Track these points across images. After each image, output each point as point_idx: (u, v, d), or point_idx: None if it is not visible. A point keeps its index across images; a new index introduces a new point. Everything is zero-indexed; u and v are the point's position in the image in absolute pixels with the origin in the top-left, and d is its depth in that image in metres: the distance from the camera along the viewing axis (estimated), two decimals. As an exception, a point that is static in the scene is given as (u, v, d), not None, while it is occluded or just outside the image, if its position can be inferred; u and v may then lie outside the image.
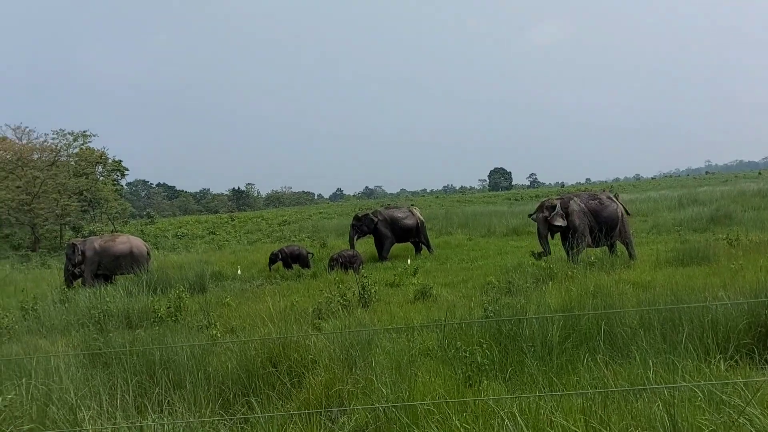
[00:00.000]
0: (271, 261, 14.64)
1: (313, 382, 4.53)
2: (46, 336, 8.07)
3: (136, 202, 74.88)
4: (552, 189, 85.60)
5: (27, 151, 31.62)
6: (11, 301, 10.95)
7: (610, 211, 11.93)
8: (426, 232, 16.95)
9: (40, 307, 9.74)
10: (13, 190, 29.25)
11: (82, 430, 3.34)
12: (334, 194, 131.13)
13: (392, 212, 16.73)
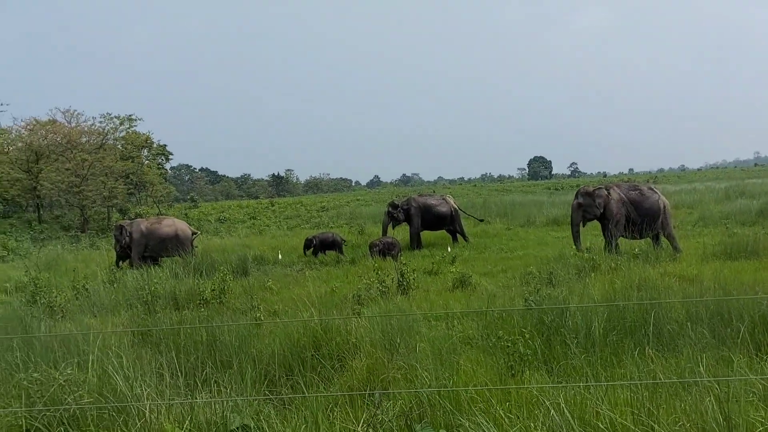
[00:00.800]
0: (306, 246, 14.89)
1: (356, 367, 4.60)
2: (96, 315, 8.35)
3: (180, 186, 76.43)
4: (593, 178, 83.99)
5: (76, 134, 32.59)
6: (63, 280, 11.35)
7: (651, 203, 11.70)
8: (461, 220, 16.85)
9: (91, 287, 10.07)
10: (62, 173, 30.22)
11: (138, 404, 3.47)
12: (372, 181, 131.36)
13: (426, 199, 16.67)
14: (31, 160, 31.62)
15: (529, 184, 67.11)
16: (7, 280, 12.31)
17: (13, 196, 32.74)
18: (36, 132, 31.97)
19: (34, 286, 9.65)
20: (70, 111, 34.38)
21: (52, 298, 8.77)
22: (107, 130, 34.47)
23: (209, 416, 3.42)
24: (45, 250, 20.79)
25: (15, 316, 7.14)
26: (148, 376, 4.01)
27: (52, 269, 13.96)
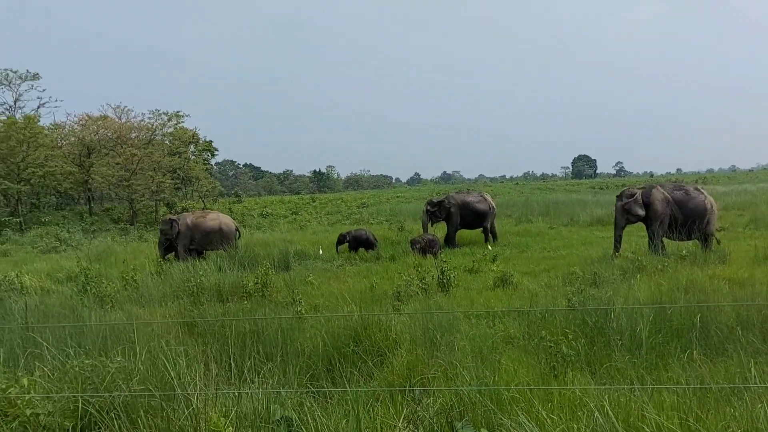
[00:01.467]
0: (339, 242, 15.01)
1: (396, 363, 4.61)
2: (144, 306, 8.58)
3: (224, 181, 77.84)
4: (639, 178, 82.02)
5: (126, 130, 33.57)
6: (113, 271, 11.70)
7: (697, 203, 11.39)
8: (494, 220, 16.67)
9: (139, 278, 10.35)
10: (113, 167, 31.16)
11: (186, 393, 3.56)
12: (412, 178, 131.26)
13: (464, 197, 16.53)
14: (83, 154, 32.71)
15: (572, 183, 66.02)
16: (60, 270, 12.75)
17: (66, 189, 33.96)
18: (88, 127, 33.05)
19: (85, 276, 9.98)
20: (120, 107, 35.47)
21: (102, 289, 9.06)
22: (156, 126, 35.44)
23: (253, 407, 3.48)
24: (95, 241, 21.50)
25: (67, 305, 7.39)
26: (194, 366, 4.11)
27: (103, 260, 14.41)
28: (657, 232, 11.34)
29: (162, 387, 3.85)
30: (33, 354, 4.74)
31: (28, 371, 4.24)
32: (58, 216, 31.61)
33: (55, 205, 36.38)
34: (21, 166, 29.33)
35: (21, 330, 5.47)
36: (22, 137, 29.28)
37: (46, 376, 4.14)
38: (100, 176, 30.98)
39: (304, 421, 3.41)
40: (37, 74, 35.62)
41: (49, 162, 29.96)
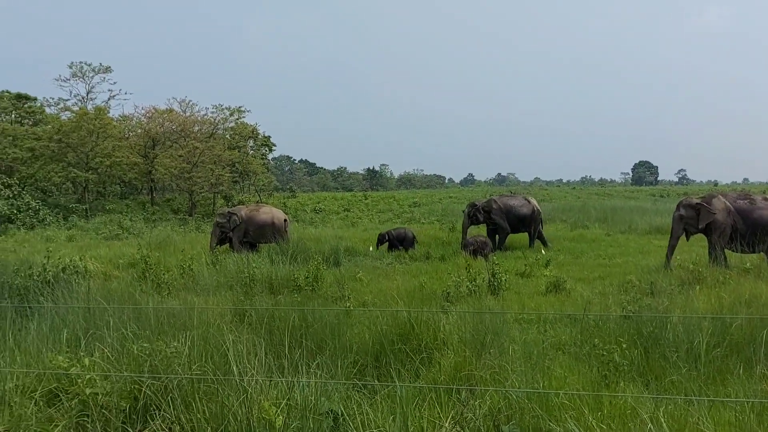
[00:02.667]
0: (379, 241, 15.04)
1: (443, 363, 4.60)
2: (199, 294, 8.83)
3: (280, 176, 79.22)
4: (703, 187, 78.88)
5: (189, 124, 34.63)
6: (171, 259, 12.08)
7: (763, 213, 10.78)
8: (539, 224, 16.31)
9: (195, 267, 10.65)
10: (176, 159, 32.19)
11: (241, 379, 3.65)
12: (465, 179, 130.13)
13: (507, 200, 16.21)
14: (148, 146, 33.91)
15: (632, 190, 64.10)
16: (121, 256, 13.25)
17: (131, 179, 35.31)
18: (154, 120, 34.25)
19: (145, 263, 10.33)
20: (185, 101, 36.62)
21: (161, 276, 9.37)
22: (218, 121, 36.43)
23: (303, 398, 3.54)
24: (156, 230, 22.25)
25: (127, 291, 7.68)
26: (246, 355, 4.21)
27: (162, 249, 14.89)
28: (718, 243, 10.87)
29: (215, 373, 3.95)
30: (94, 336, 4.94)
31: (89, 352, 4.43)
32: (121, 205, 32.88)
33: (120, 194, 37.86)
34: (90, 156, 30.64)
35: (83, 312, 5.72)
36: (92, 128, 30.57)
37: (105, 358, 4.31)
38: (163, 167, 32.05)
39: (351, 416, 3.44)
40: (108, 67, 37.14)
41: (116, 152, 31.17)
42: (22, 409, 3.63)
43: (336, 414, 3.50)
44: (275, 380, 3.76)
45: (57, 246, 14.48)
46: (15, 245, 17.09)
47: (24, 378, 3.96)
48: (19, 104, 35.51)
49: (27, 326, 5.39)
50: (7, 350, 4.59)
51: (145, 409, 3.71)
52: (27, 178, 30.40)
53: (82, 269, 9.41)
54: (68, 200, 31.39)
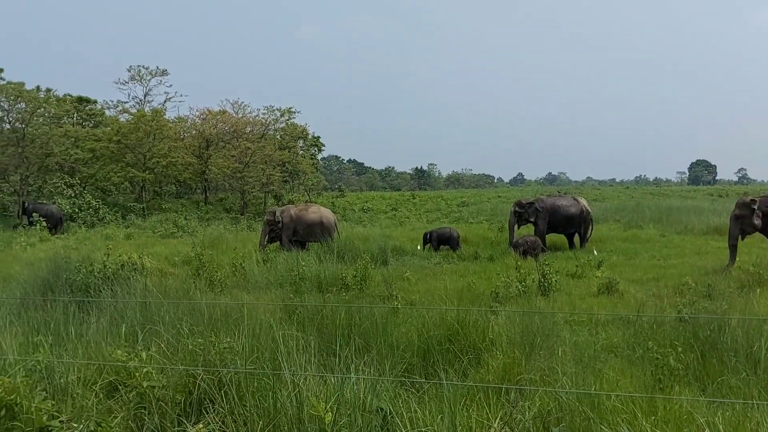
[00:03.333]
0: (424, 240, 14.98)
1: (491, 364, 4.57)
2: (250, 292, 9.02)
3: (329, 175, 79.94)
4: (764, 186, 75.61)
5: (242, 125, 35.41)
6: (223, 257, 12.37)
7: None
8: (589, 224, 15.91)
9: (246, 265, 10.89)
10: (228, 159, 32.96)
11: (292, 375, 3.72)
12: (515, 178, 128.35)
13: (555, 200, 15.88)
14: (202, 146, 34.81)
15: (688, 189, 61.89)
16: (177, 254, 13.65)
17: (185, 179, 36.33)
18: (208, 121, 35.14)
19: (199, 261, 10.62)
20: (238, 102, 37.40)
21: (213, 273, 9.62)
22: (269, 121, 37.10)
23: (351, 395, 3.58)
24: (209, 229, 22.82)
25: (182, 287, 7.91)
26: (295, 351, 4.28)
27: (215, 247, 15.26)
28: None
29: (265, 368, 4.03)
30: (150, 330, 5.11)
31: (146, 346, 4.58)
32: (177, 204, 33.86)
33: (175, 194, 38.97)
34: (147, 156, 31.66)
35: (140, 307, 5.92)
36: (149, 129, 31.58)
37: (161, 352, 4.45)
38: (216, 167, 32.85)
39: (399, 414, 3.45)
40: (165, 70, 38.24)
41: (171, 153, 32.11)
42: (83, 400, 3.78)
43: (384, 412, 3.52)
44: (325, 377, 3.80)
45: (116, 244, 15.03)
46: (76, 243, 17.82)
47: (85, 370, 4.13)
48: (81, 107, 37.00)
49: (88, 320, 5.63)
50: (69, 343, 4.79)
51: (199, 403, 3.81)
52: (88, 178, 31.65)
53: (139, 266, 9.74)
54: (126, 199, 32.52)
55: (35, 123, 30.48)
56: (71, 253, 10.92)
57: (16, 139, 29.23)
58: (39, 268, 9.14)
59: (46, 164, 30.62)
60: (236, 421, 3.49)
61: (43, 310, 6.08)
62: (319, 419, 3.23)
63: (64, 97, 35.12)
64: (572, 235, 15.79)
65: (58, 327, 5.19)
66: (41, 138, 30.28)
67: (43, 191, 29.69)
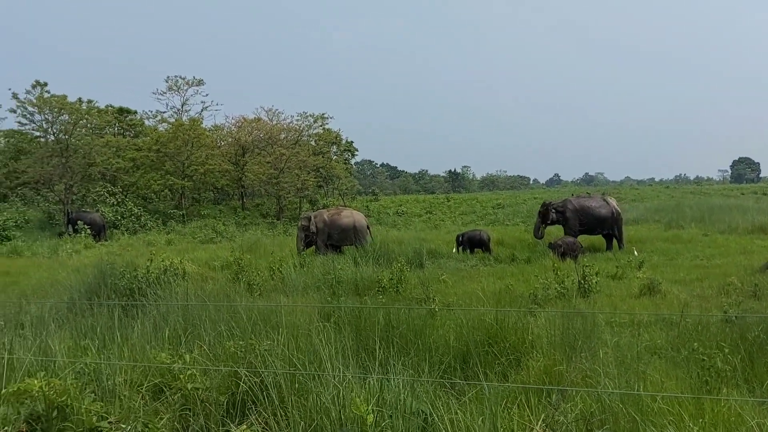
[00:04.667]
0: (458, 243, 14.90)
1: (532, 366, 4.52)
2: (288, 295, 9.11)
3: (362, 180, 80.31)
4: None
5: (276, 131, 35.94)
6: (261, 262, 12.54)
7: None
8: (621, 225, 15.57)
9: (284, 269, 11.01)
10: (263, 165, 33.45)
11: (333, 377, 3.75)
12: (551, 179, 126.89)
13: (584, 201, 15.60)
14: (238, 153, 35.41)
15: (731, 188, 60.18)
16: (216, 258, 13.89)
17: (223, 186, 37.02)
18: (243, 128, 35.74)
19: (238, 265, 10.79)
20: (272, 109, 37.99)
21: (252, 277, 9.75)
22: (302, 128, 37.54)
23: (391, 397, 3.59)
24: (247, 234, 23.18)
25: (222, 291, 8.04)
26: (334, 353, 4.31)
27: (252, 251, 15.47)
28: None
29: (305, 370, 4.08)
30: (193, 333, 5.21)
31: (189, 349, 4.67)
32: (215, 210, 34.46)
33: (213, 200, 39.67)
34: (185, 164, 32.33)
35: (183, 311, 6.04)
36: (188, 138, 32.26)
37: (204, 354, 4.54)
38: (252, 174, 33.37)
39: (439, 416, 3.45)
40: (201, 80, 39.05)
41: (209, 160, 32.73)
42: (131, 401, 3.87)
43: (425, 414, 3.52)
44: (366, 379, 3.82)
45: (158, 249, 15.37)
46: (120, 249, 18.29)
47: (131, 372, 4.22)
48: (122, 117, 38.01)
49: (132, 324, 5.76)
50: (115, 346, 4.91)
51: (242, 404, 3.86)
52: (129, 186, 32.47)
53: (180, 271, 9.93)
54: (167, 206, 33.24)
55: (78, 134, 31.46)
56: (115, 259, 11.21)
57: (60, 149, 30.19)
58: (85, 274, 9.41)
59: (89, 173, 31.53)
60: (279, 423, 3.53)
61: (90, 315, 6.25)
62: (360, 420, 3.24)
63: (106, 108, 36.14)
64: (609, 237, 15.52)
65: (105, 330, 5.33)
66: (84, 148, 31.22)
67: (87, 200, 30.56)
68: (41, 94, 30.06)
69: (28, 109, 29.86)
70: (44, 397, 3.53)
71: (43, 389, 3.53)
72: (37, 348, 4.51)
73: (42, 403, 3.54)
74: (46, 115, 30.25)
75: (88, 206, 28.89)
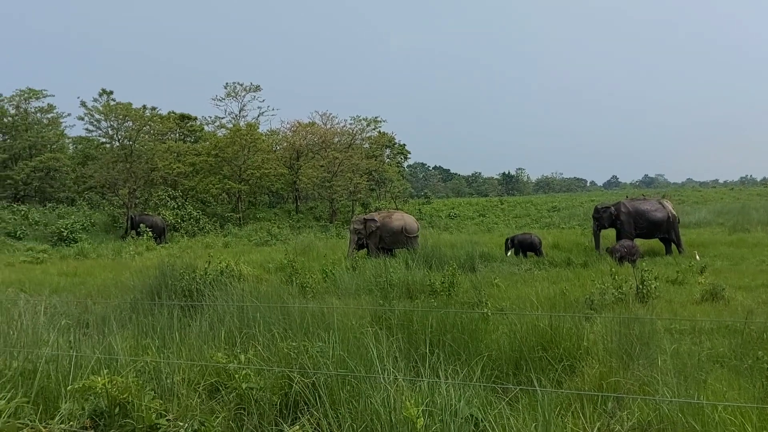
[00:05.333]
0: (507, 247, 14.66)
1: (587, 372, 4.42)
2: (340, 297, 9.20)
3: (415, 183, 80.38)
4: None
5: (330, 135, 36.45)
6: (314, 264, 12.71)
7: None
8: (678, 228, 14.96)
9: (336, 271, 11.12)
10: (317, 169, 33.95)
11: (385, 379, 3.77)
12: (609, 181, 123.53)
13: (638, 204, 15.10)
14: (292, 157, 36.06)
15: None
16: (270, 261, 14.16)
17: (278, 189, 37.76)
18: (298, 133, 36.40)
19: (291, 268, 10.96)
20: (326, 114, 38.54)
21: (305, 279, 9.89)
22: (356, 131, 37.92)
23: (441, 401, 3.58)
24: (300, 236, 23.52)
25: (275, 293, 8.18)
26: (386, 356, 4.32)
27: (306, 254, 15.71)
28: None
29: (355, 372, 4.11)
30: (247, 334, 5.32)
31: (244, 349, 4.78)
32: (270, 213, 35.17)
33: (268, 204, 40.49)
34: (242, 168, 33.13)
35: (238, 312, 6.18)
36: (245, 143, 33.08)
37: (258, 354, 4.63)
38: (306, 177, 33.90)
39: (490, 422, 3.41)
40: (258, 86, 39.97)
41: (264, 164, 33.45)
42: (188, 400, 3.99)
43: (476, 419, 3.49)
44: (417, 382, 3.82)
45: (215, 252, 15.79)
46: (179, 251, 18.88)
47: (189, 371, 4.35)
48: (183, 123, 39.27)
49: (190, 324, 5.94)
50: (174, 345, 5.06)
51: (294, 405, 3.92)
52: (189, 190, 33.51)
53: (236, 273, 10.17)
54: (224, 210, 34.13)
55: (141, 140, 32.70)
56: (175, 261, 11.58)
57: (124, 155, 31.43)
58: (146, 276, 9.76)
59: (151, 178, 32.73)
60: (330, 424, 3.57)
61: (151, 315, 6.46)
62: (410, 424, 3.24)
63: (168, 114, 37.41)
64: (666, 241, 15.00)
65: (164, 330, 5.50)
66: (147, 154, 32.42)
67: (149, 203, 31.70)
68: (107, 101, 31.41)
69: (95, 116, 31.23)
70: (107, 393, 3.68)
71: (106, 386, 3.68)
72: (101, 346, 4.70)
73: (105, 399, 3.69)
74: (111, 122, 31.58)
75: (150, 210, 29.97)
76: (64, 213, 27.97)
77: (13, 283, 10.63)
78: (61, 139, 37.21)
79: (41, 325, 5.30)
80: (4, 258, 18.13)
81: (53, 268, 14.93)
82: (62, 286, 11.18)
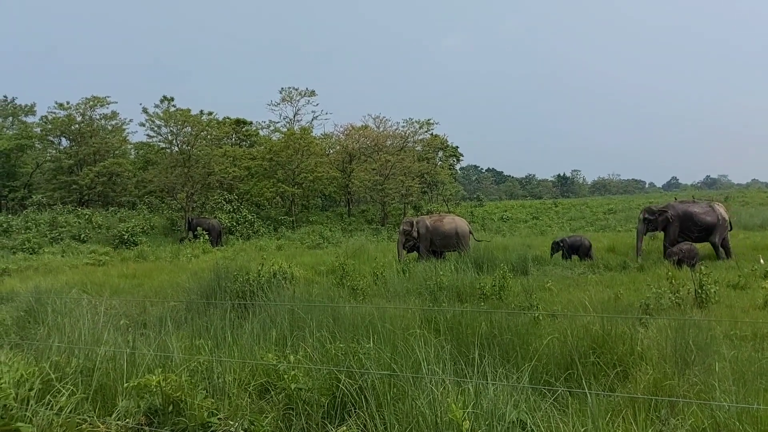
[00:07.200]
0: (553, 249, 14.32)
1: (640, 378, 4.30)
2: (390, 300, 9.22)
3: (467, 185, 79.79)
4: None
5: (382, 138, 36.65)
6: (365, 267, 12.78)
7: None
8: (728, 234, 14.26)
9: (387, 274, 11.15)
10: (369, 172, 34.18)
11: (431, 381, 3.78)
12: (668, 183, 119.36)
13: (687, 206, 14.44)
14: (345, 161, 36.41)
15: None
16: (322, 263, 14.32)
17: (330, 192, 38.20)
18: (351, 136, 36.73)
19: (342, 270, 11.07)
20: (379, 117, 38.77)
21: (356, 282, 9.97)
22: (408, 134, 37.99)
23: (488, 405, 3.55)
24: (352, 239, 23.72)
25: (326, 295, 8.28)
26: (434, 358, 4.31)
27: (357, 257, 15.80)
28: None
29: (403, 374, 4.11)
30: (298, 336, 5.41)
31: (294, 350, 4.86)
32: (322, 216, 35.60)
33: (321, 207, 41.00)
34: (296, 172, 33.68)
35: (289, 313, 6.28)
36: (298, 147, 33.61)
37: (307, 356, 4.70)
38: (358, 180, 34.18)
39: (538, 425, 3.37)
40: (313, 91, 40.61)
41: (318, 168, 33.90)
42: (239, 399, 4.08)
43: (524, 423, 3.45)
44: (463, 385, 3.80)
45: (269, 254, 16.09)
46: (234, 254, 19.33)
47: (240, 371, 4.45)
48: (238, 128, 40.24)
49: (243, 325, 6.08)
50: (226, 345, 5.19)
51: (342, 406, 3.96)
52: (244, 194, 34.29)
53: (289, 275, 10.35)
54: (278, 213, 34.76)
55: (199, 145, 33.66)
56: (229, 263, 11.87)
57: (182, 160, 32.44)
58: (202, 278, 10.04)
59: (208, 182, 33.65)
60: (376, 426, 3.59)
61: (205, 315, 6.65)
62: (456, 426, 3.23)
63: (224, 120, 38.40)
64: (715, 246, 14.31)
65: (218, 331, 5.64)
66: (204, 158, 33.36)
67: (206, 207, 32.59)
68: (168, 108, 32.50)
69: (155, 122, 32.38)
70: (161, 391, 3.81)
71: (160, 384, 3.81)
72: (156, 346, 4.86)
73: (159, 397, 3.82)
74: (171, 127, 32.66)
75: (206, 213, 30.80)
76: (126, 216, 29.06)
77: (76, 284, 11.11)
78: (123, 145, 38.67)
79: (101, 324, 5.52)
80: (68, 260, 18.98)
81: (114, 270, 15.54)
82: (122, 287, 11.63)
